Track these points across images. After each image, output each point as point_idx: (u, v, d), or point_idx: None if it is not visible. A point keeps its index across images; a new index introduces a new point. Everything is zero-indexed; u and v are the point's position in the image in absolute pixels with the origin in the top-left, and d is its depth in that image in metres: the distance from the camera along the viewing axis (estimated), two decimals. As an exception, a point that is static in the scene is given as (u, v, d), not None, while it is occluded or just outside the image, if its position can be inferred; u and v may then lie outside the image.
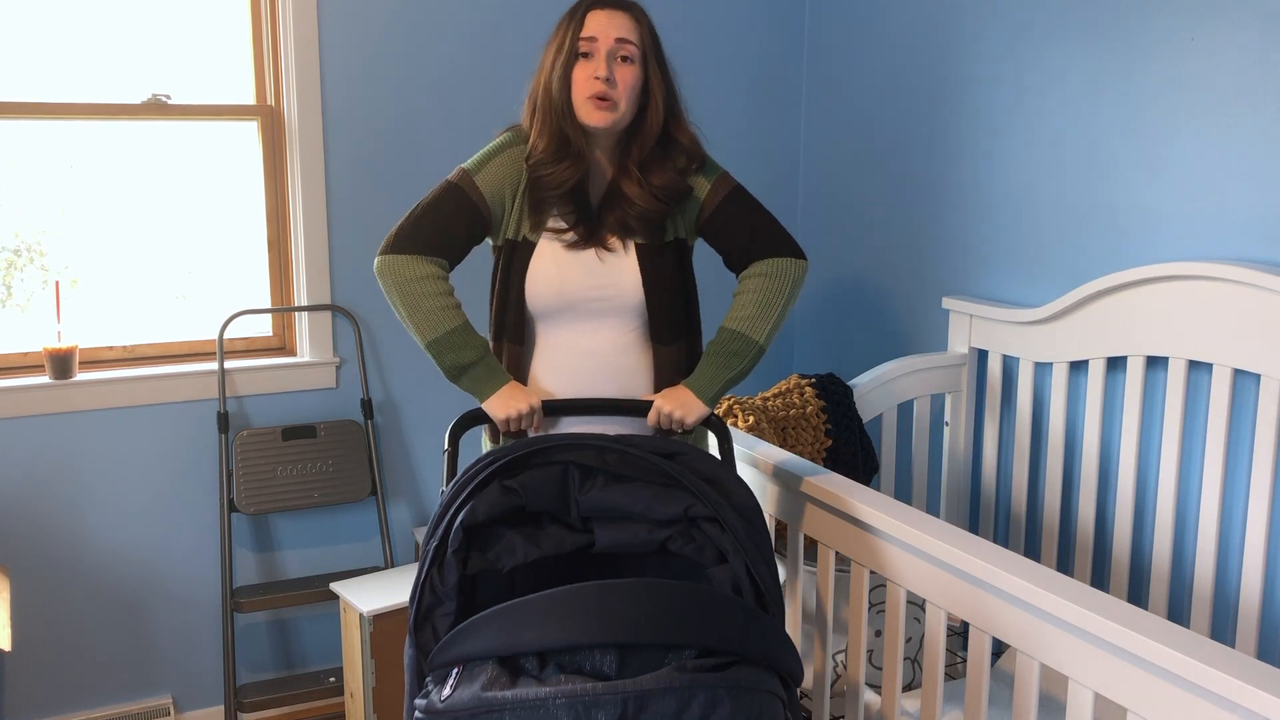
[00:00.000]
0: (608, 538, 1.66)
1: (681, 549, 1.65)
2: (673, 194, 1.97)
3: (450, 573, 1.60)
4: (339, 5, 2.89)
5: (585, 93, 1.89)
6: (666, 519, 1.65)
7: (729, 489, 1.70)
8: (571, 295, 1.95)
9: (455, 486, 1.66)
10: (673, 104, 1.98)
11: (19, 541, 2.75)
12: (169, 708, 2.91)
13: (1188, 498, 2.40)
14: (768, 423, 2.57)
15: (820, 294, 3.50)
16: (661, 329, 1.99)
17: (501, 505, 1.63)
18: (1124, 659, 1.48)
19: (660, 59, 1.95)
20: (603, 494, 1.65)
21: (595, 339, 1.98)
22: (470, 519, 1.61)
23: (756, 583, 1.63)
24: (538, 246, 1.96)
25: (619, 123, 1.91)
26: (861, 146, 3.28)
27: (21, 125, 2.72)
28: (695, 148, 2.01)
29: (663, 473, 1.66)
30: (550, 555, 1.66)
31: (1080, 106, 2.59)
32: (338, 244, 2.99)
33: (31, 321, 2.81)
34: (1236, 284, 2.20)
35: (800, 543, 2.16)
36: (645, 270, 1.96)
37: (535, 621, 1.44)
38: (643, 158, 1.95)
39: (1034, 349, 2.68)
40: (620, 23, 1.89)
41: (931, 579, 1.81)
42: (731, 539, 1.63)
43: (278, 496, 2.91)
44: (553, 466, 1.67)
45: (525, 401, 1.89)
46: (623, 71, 1.89)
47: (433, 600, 1.60)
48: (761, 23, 3.43)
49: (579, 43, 1.89)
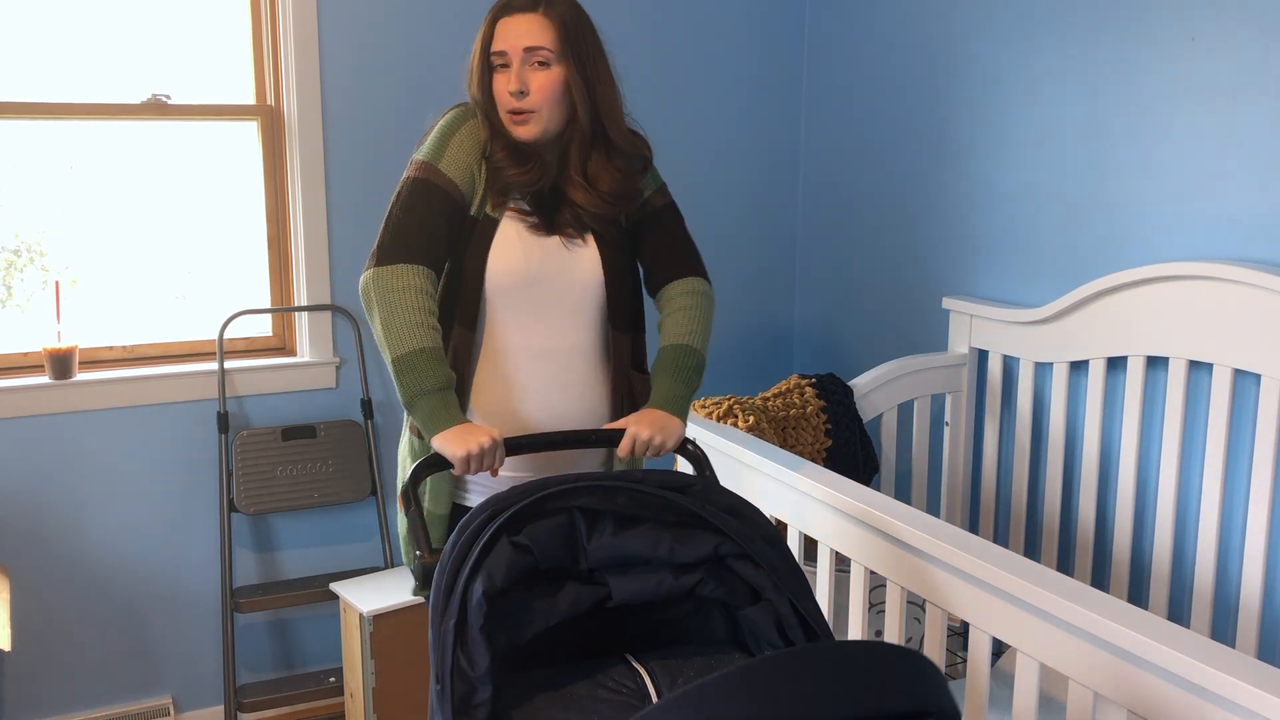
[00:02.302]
0: (625, 590, 1.49)
1: (713, 593, 1.50)
2: (622, 197, 1.92)
3: (479, 654, 1.39)
4: (339, 5, 2.89)
5: (504, 107, 1.85)
6: (693, 561, 1.49)
7: (754, 520, 1.55)
8: (534, 274, 1.87)
9: (458, 549, 1.44)
10: (600, 102, 1.87)
11: (19, 541, 2.75)
12: (169, 708, 2.91)
13: (1188, 498, 2.40)
14: (768, 423, 2.57)
15: (820, 294, 3.50)
16: (620, 316, 1.95)
17: (517, 566, 1.43)
18: (1124, 659, 1.48)
19: (585, 54, 1.85)
20: (614, 541, 1.48)
21: (548, 337, 1.90)
22: (490, 586, 1.40)
23: (804, 618, 1.49)
24: (501, 224, 1.87)
25: (545, 132, 1.85)
26: (861, 146, 3.28)
27: (21, 125, 2.72)
28: (631, 147, 1.93)
29: (679, 509, 1.50)
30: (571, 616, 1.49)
31: (1080, 106, 2.59)
32: (338, 244, 2.99)
33: (31, 321, 2.81)
34: (1236, 284, 2.20)
35: (800, 543, 2.16)
36: (605, 257, 1.92)
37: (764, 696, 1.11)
38: (583, 161, 1.89)
39: (1034, 349, 2.68)
40: (529, 28, 1.81)
41: (932, 579, 1.81)
42: (769, 576, 1.49)
43: (278, 496, 2.91)
44: (558, 515, 1.48)
45: (485, 434, 1.70)
46: (538, 77, 1.82)
47: (465, 689, 1.39)
48: (761, 22, 3.43)
49: (491, 56, 1.85)
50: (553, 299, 1.90)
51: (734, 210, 3.46)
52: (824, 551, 2.07)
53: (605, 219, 1.92)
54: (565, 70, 1.83)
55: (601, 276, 1.92)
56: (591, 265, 1.91)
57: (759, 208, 3.53)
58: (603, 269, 1.92)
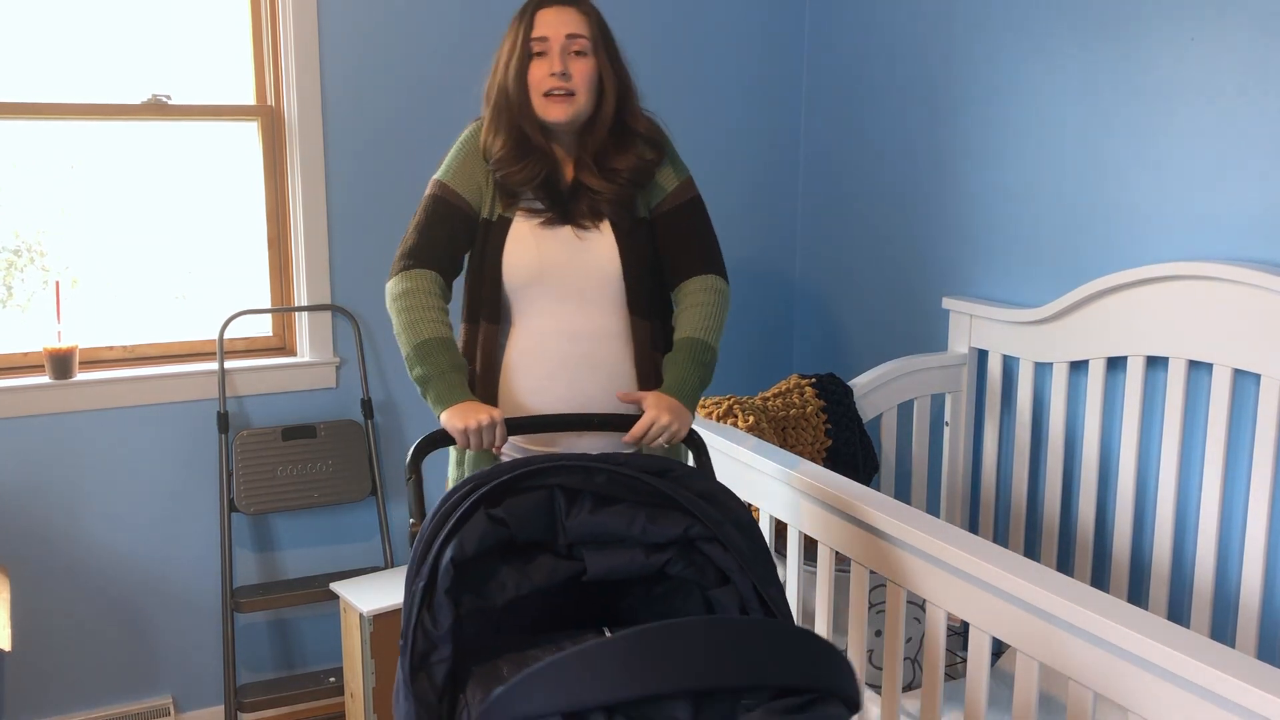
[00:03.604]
0: (600, 565, 1.58)
1: (682, 572, 1.58)
2: (636, 175, 1.98)
3: (443, 615, 1.49)
4: (339, 5, 2.89)
5: (543, 89, 1.92)
6: (663, 541, 1.58)
7: (727, 505, 1.64)
8: (549, 266, 1.95)
9: (436, 518, 1.55)
10: (625, 93, 1.99)
11: (19, 541, 2.75)
12: (169, 708, 2.91)
13: (1188, 498, 2.40)
14: (768, 423, 2.57)
15: (820, 294, 3.50)
16: (640, 301, 1.99)
17: (491, 537, 1.53)
18: (1124, 659, 1.48)
19: (611, 49, 1.97)
20: (592, 518, 1.57)
21: (573, 321, 1.96)
22: (460, 554, 1.49)
23: (765, 602, 1.57)
24: (513, 223, 1.97)
25: (580, 115, 1.94)
26: (861, 146, 3.28)
27: (21, 125, 2.72)
28: (653, 132, 2.03)
29: (655, 492, 1.58)
30: (544, 587, 1.57)
31: (1080, 106, 2.59)
32: (338, 244, 2.99)
33: (31, 321, 2.81)
34: (1236, 284, 2.20)
35: (800, 543, 2.16)
36: (622, 244, 1.97)
37: (600, 672, 1.28)
38: (598, 149, 1.97)
39: (1034, 349, 2.68)
40: (569, 18, 1.92)
41: (931, 579, 1.81)
42: (735, 558, 1.57)
43: (278, 496, 2.91)
44: (538, 491, 1.58)
45: (486, 412, 1.81)
46: (577, 65, 1.92)
47: (426, 646, 1.49)
48: (761, 22, 3.43)
49: (531, 43, 1.92)
50: (571, 287, 1.96)
51: (734, 210, 3.46)
52: (824, 551, 2.07)
53: (620, 203, 1.97)
54: (599, 61, 1.94)
55: (619, 265, 1.97)
56: (608, 254, 1.97)
57: (759, 207, 3.53)
58: (620, 257, 1.96)
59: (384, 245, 3.00)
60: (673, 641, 1.29)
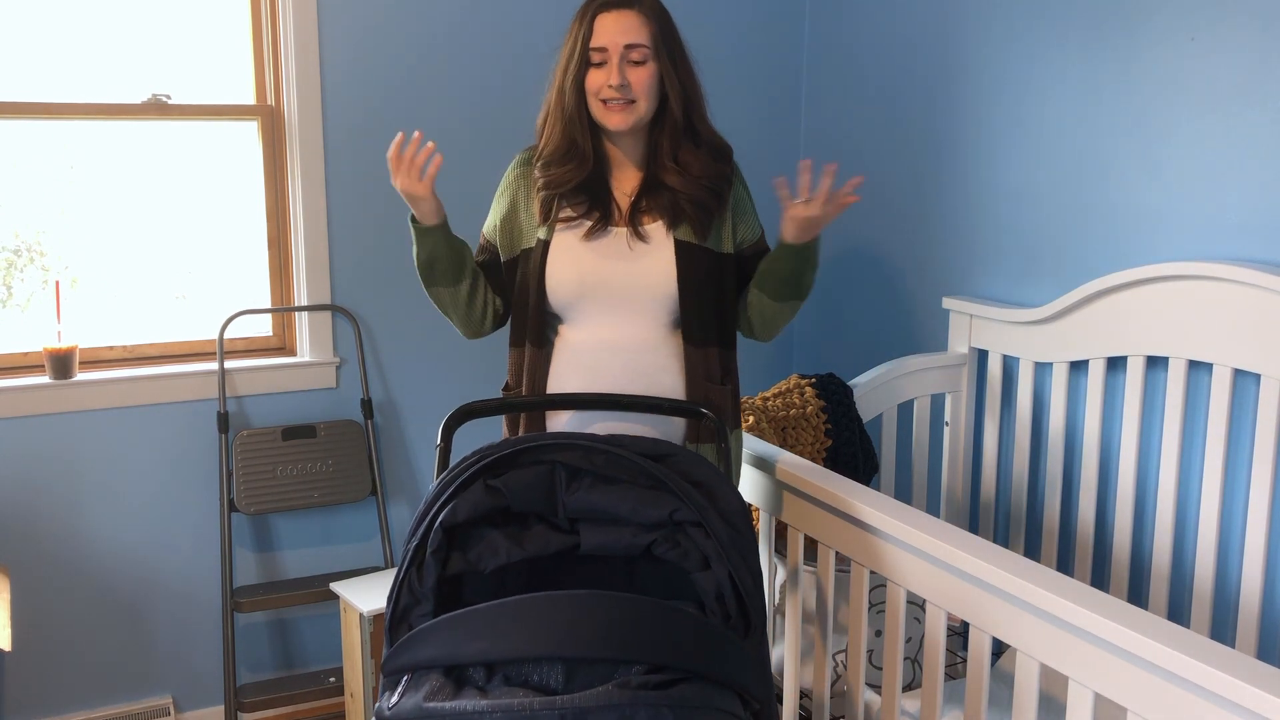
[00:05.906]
0: (594, 540, 1.64)
1: (667, 554, 1.63)
2: (715, 180, 1.99)
3: (428, 573, 1.58)
4: (339, 5, 2.89)
5: (601, 97, 1.92)
6: (652, 523, 1.63)
7: (716, 494, 1.68)
8: (591, 280, 1.95)
9: (439, 486, 1.64)
10: (691, 96, 1.98)
11: (19, 541, 2.75)
12: (169, 708, 2.91)
13: (1188, 498, 2.40)
14: (768, 423, 2.57)
15: (820, 294, 3.50)
16: (692, 326, 1.97)
17: (485, 505, 1.61)
18: (1124, 659, 1.48)
19: (675, 51, 1.95)
20: (589, 495, 1.63)
21: (618, 332, 1.97)
22: (450, 519, 1.59)
23: (739, 590, 1.61)
24: (552, 242, 1.98)
25: (639, 121, 1.94)
26: (861, 146, 3.28)
27: (21, 125, 2.72)
28: (715, 139, 2.03)
29: (649, 475, 1.63)
30: (535, 556, 1.64)
31: (1080, 106, 2.59)
32: (338, 244, 2.99)
33: (31, 321, 2.81)
34: (1236, 284, 2.20)
35: (800, 543, 2.16)
36: (681, 262, 1.96)
37: (481, 632, 1.43)
38: (674, 150, 1.97)
39: (1034, 349, 2.68)
40: (628, 24, 1.89)
41: (931, 579, 1.81)
42: (715, 545, 1.61)
43: (278, 496, 2.91)
44: (539, 466, 1.65)
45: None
46: (636, 74, 1.91)
47: (410, 600, 1.59)
48: (761, 22, 3.43)
49: (590, 53, 1.90)
50: (616, 304, 1.97)
51: (734, 210, 3.45)
52: (824, 551, 2.07)
53: (703, 206, 1.98)
54: (659, 65, 1.93)
55: (675, 282, 1.96)
56: (664, 268, 1.96)
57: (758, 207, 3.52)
58: (677, 275, 1.96)
59: (384, 245, 3.00)
60: (553, 611, 1.43)
